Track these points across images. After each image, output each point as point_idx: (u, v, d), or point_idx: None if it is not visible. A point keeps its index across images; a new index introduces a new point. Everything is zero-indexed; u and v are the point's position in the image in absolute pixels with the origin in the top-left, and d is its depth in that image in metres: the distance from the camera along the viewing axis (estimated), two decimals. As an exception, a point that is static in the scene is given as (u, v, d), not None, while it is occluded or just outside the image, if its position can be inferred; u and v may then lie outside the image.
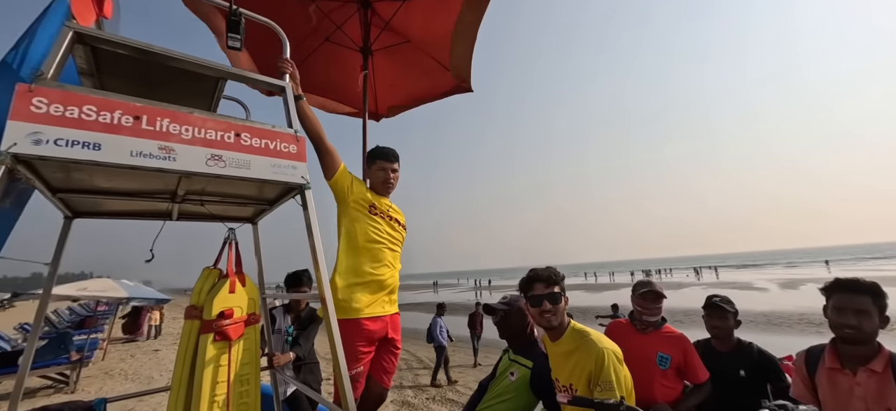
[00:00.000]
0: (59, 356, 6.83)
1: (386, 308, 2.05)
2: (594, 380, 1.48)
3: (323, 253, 1.55)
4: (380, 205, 2.15)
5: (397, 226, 2.23)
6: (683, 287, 33.37)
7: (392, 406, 6.32)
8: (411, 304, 32.69)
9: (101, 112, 1.17)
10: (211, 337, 1.37)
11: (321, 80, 3.37)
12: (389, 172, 2.24)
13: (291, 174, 1.50)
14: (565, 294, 1.72)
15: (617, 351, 1.56)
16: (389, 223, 2.16)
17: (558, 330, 1.67)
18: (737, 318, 2.35)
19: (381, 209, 2.13)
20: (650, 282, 2.38)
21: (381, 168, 2.23)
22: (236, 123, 1.41)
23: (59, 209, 1.72)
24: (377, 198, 2.18)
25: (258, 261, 2.31)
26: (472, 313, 10.41)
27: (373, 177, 2.25)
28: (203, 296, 1.48)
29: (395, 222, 2.21)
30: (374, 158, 2.25)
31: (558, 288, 1.69)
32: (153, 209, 1.87)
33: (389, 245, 2.11)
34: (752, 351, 2.26)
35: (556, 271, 1.73)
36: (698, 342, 2.50)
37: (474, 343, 10.12)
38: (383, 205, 2.18)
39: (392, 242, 2.14)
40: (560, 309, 1.67)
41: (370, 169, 2.26)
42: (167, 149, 1.25)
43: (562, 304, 1.68)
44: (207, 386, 1.31)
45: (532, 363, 1.83)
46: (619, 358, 1.54)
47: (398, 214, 2.29)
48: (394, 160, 2.28)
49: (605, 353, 1.50)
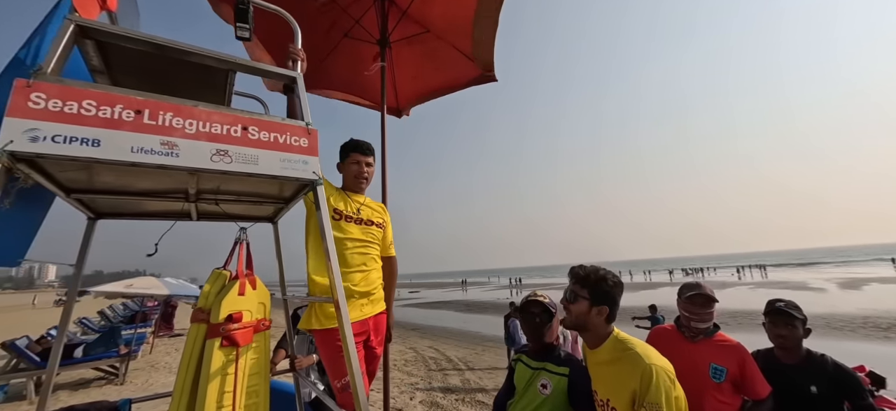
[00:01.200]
0: (110, 349, 7.26)
1: (364, 311, 1.97)
2: (639, 401, 1.29)
3: (335, 253, 1.44)
4: (348, 208, 2.06)
5: (370, 228, 2.13)
6: (728, 286, 31.44)
7: (421, 406, 6.24)
8: (440, 303, 32.74)
9: (102, 107, 1.11)
10: (218, 342, 1.29)
11: (342, 76, 3.32)
12: (363, 166, 2.15)
13: (302, 169, 1.40)
14: (598, 302, 1.50)
15: (668, 368, 1.35)
16: (360, 226, 2.07)
17: (593, 336, 1.48)
18: (806, 326, 2.05)
19: (348, 212, 2.05)
20: (699, 284, 2.13)
21: (354, 161, 2.14)
22: (243, 116, 1.33)
23: (80, 211, 1.72)
24: (346, 198, 2.09)
25: (279, 261, 2.25)
26: (507, 315, 10.19)
27: (346, 171, 2.16)
28: (211, 298, 1.41)
29: (367, 224, 2.11)
30: (347, 151, 2.15)
31: (581, 287, 1.52)
32: (173, 209, 1.84)
33: (360, 249, 2.02)
34: (825, 364, 1.97)
35: (589, 270, 1.54)
36: (758, 352, 2.22)
37: (509, 345, 9.88)
38: (352, 207, 2.09)
39: (363, 245, 2.05)
40: (577, 310, 1.51)
41: (344, 162, 2.17)
42: (170, 145, 1.18)
43: (579, 306, 1.50)
44: (213, 395, 1.23)
45: (569, 369, 1.65)
46: (671, 377, 1.32)
47: (373, 212, 2.19)
48: (368, 153, 2.18)
49: (654, 371, 1.29)
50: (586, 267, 1.56)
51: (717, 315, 2.13)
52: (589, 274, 1.53)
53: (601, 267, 1.54)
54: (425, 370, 9.04)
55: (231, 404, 1.25)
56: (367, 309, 1.99)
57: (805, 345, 2.06)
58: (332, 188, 2.10)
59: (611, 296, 1.49)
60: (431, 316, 23.83)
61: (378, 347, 2.09)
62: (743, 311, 16.71)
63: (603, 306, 1.48)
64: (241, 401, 1.37)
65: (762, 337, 2.22)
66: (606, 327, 1.50)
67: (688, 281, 2.23)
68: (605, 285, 1.49)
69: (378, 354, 2.10)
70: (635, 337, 1.47)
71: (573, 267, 1.58)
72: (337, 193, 2.09)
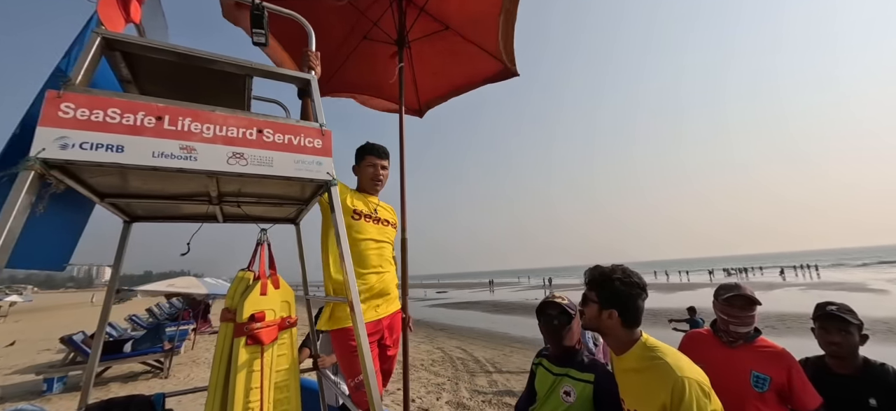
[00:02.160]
0: (155, 345, 7.74)
1: (379, 311, 1.99)
2: None
3: (349, 254, 1.44)
4: (366, 207, 2.09)
5: (386, 227, 2.16)
6: (774, 288, 29.48)
7: (447, 407, 6.23)
8: (467, 303, 32.67)
9: (125, 114, 1.16)
10: (243, 340, 1.34)
11: (362, 79, 3.35)
12: (379, 169, 2.19)
13: (316, 170, 1.41)
14: (603, 303, 1.40)
15: (703, 380, 1.23)
16: (376, 226, 2.10)
17: (615, 341, 1.40)
18: (862, 332, 1.86)
19: (366, 211, 2.07)
20: (738, 284, 1.97)
21: (370, 164, 2.19)
22: (259, 119, 1.35)
23: (116, 215, 1.81)
24: (363, 198, 2.12)
25: (301, 261, 2.30)
26: None
27: (362, 174, 2.20)
28: (237, 298, 1.46)
29: (383, 223, 2.14)
30: (363, 154, 2.20)
31: (589, 289, 1.45)
32: (199, 212, 1.92)
33: (376, 249, 2.05)
34: (886, 374, 1.78)
35: (598, 271, 1.46)
36: (807, 360, 2.03)
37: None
38: (369, 206, 2.13)
39: (379, 245, 2.07)
40: (587, 314, 1.45)
41: (359, 165, 2.20)
42: (188, 149, 1.21)
43: (590, 310, 1.44)
44: (241, 392, 1.28)
45: (594, 376, 1.56)
46: (704, 389, 1.21)
47: (388, 213, 2.22)
48: (384, 156, 2.23)
49: (686, 384, 1.18)
50: (599, 267, 1.47)
51: (759, 319, 1.98)
52: (597, 274, 1.44)
53: (619, 266, 1.44)
54: (452, 370, 9.02)
55: (259, 399, 1.29)
56: (382, 308, 2.01)
57: (862, 353, 1.87)
58: (350, 190, 2.14)
59: (622, 299, 1.37)
60: (459, 316, 23.81)
61: (393, 347, 2.10)
62: (791, 314, 15.61)
63: (612, 309, 1.38)
64: (270, 396, 1.41)
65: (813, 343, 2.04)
66: (628, 332, 1.39)
67: (726, 281, 2.08)
68: (612, 286, 1.38)
69: (392, 354, 2.10)
70: (666, 344, 1.36)
71: (588, 268, 1.50)
72: (354, 194, 2.13)
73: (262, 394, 1.30)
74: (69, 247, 1.75)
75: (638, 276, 1.40)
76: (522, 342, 13.92)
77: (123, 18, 1.35)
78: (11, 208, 0.97)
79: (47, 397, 6.70)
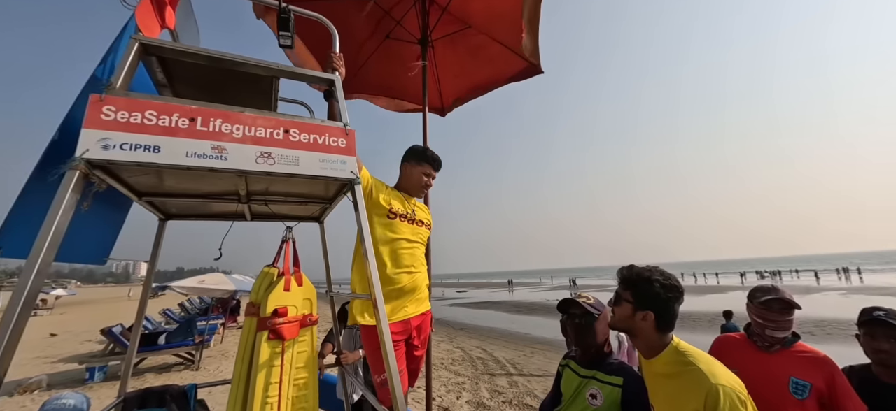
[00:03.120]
0: (187, 338, 8.08)
1: (407, 311, 1.99)
2: None
3: (373, 252, 1.45)
4: (403, 207, 2.08)
5: (420, 228, 2.15)
6: (812, 291, 27.97)
7: (467, 406, 6.22)
8: (488, 303, 32.53)
9: (161, 116, 1.21)
10: (266, 335, 1.37)
11: (385, 79, 3.38)
12: (430, 180, 2.21)
13: (340, 169, 1.43)
14: (638, 304, 1.35)
15: (739, 388, 1.16)
16: (411, 226, 2.09)
17: (645, 344, 1.35)
18: (914, 340, 1.74)
19: (403, 212, 2.07)
20: (775, 287, 1.87)
21: (425, 173, 2.18)
22: (286, 120, 1.39)
23: (152, 213, 1.90)
24: (401, 198, 2.11)
25: (325, 259, 2.35)
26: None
27: (410, 176, 2.19)
28: (261, 293, 1.50)
29: (418, 224, 2.14)
30: (420, 160, 2.19)
31: (624, 288, 1.40)
32: (230, 210, 1.99)
33: (409, 249, 2.04)
34: (942, 386, 1.65)
35: (635, 270, 1.41)
36: (852, 368, 1.92)
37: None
38: (408, 207, 2.12)
39: (412, 246, 2.07)
40: (618, 314, 1.41)
41: (413, 166, 2.19)
42: (219, 149, 1.25)
43: (623, 310, 1.39)
44: (261, 385, 1.30)
45: (622, 380, 1.52)
46: (740, 397, 1.14)
47: (424, 214, 2.22)
48: (438, 169, 2.25)
49: (721, 392, 1.11)
50: (634, 267, 1.42)
51: (797, 323, 1.87)
52: (634, 274, 1.39)
53: (656, 267, 1.39)
54: (473, 370, 9.00)
55: (277, 395, 1.31)
56: (411, 308, 2.01)
57: (912, 362, 1.75)
58: (386, 187, 2.11)
59: (659, 301, 1.32)
60: (479, 316, 23.74)
61: (421, 347, 2.10)
62: (830, 320, 14.78)
63: (648, 311, 1.33)
64: (289, 392, 1.44)
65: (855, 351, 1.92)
66: (660, 336, 1.34)
67: (762, 284, 1.98)
68: (650, 288, 1.33)
69: (420, 354, 2.11)
70: (699, 349, 1.31)
71: (621, 267, 1.45)
72: (394, 193, 2.11)
73: (281, 390, 1.32)
74: (109, 242, 1.85)
75: (676, 279, 1.36)
76: (543, 343, 13.74)
77: (159, 24, 1.41)
78: (59, 205, 1.03)
79: (90, 385, 7.10)
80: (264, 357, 1.34)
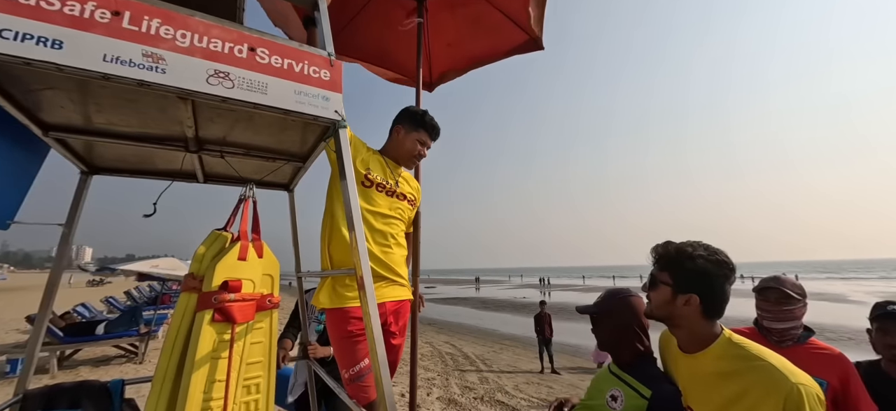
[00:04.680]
0: (130, 328, 7.30)
1: (382, 293, 1.68)
2: None
3: (360, 218, 1.15)
4: (383, 176, 1.77)
5: (401, 202, 1.83)
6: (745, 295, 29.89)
7: (438, 403, 5.98)
8: (456, 299, 32.51)
9: (68, 2, 0.85)
10: (209, 315, 1.03)
11: (372, 43, 3.03)
12: (424, 149, 1.88)
13: (322, 106, 1.12)
14: (679, 287, 1.13)
15: (817, 389, 0.95)
16: (390, 199, 1.77)
17: (688, 335, 1.13)
18: (932, 336, 1.65)
19: (383, 180, 1.75)
20: (777, 277, 1.77)
21: (420, 139, 1.85)
22: (252, 35, 1.06)
23: (70, 161, 1.49)
24: (384, 166, 1.80)
25: (294, 233, 2.01)
26: (538, 314, 9.74)
27: (402, 142, 1.85)
28: (205, 263, 1.15)
29: (399, 197, 1.82)
30: (417, 124, 1.84)
31: (661, 268, 1.17)
32: (175, 166, 1.61)
33: (382, 223, 1.73)
34: (961, 385, 1.57)
35: (673, 247, 1.18)
36: (859, 364, 1.82)
37: (541, 347, 9.42)
38: (391, 177, 1.80)
39: (385, 221, 1.75)
40: (659, 299, 1.16)
41: (407, 131, 1.84)
42: (155, 58, 0.91)
43: (660, 294, 1.15)
44: (199, 383, 0.96)
45: (651, 393, 1.27)
46: (820, 397, 0.93)
47: (409, 188, 1.89)
48: (436, 137, 1.93)
49: (804, 394, 0.90)
50: (671, 242, 1.19)
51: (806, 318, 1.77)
52: (672, 250, 1.16)
53: (700, 242, 1.16)
54: (442, 366, 8.78)
55: (223, 397, 0.97)
56: (386, 292, 1.68)
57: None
58: (368, 149, 1.80)
59: (706, 281, 1.10)
60: (447, 311, 23.60)
61: (399, 335, 1.77)
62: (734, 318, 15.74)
63: (692, 294, 1.10)
64: (237, 395, 1.10)
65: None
66: (708, 324, 1.12)
67: (768, 276, 1.87)
68: (695, 264, 1.10)
69: (398, 343, 1.78)
70: (757, 343, 1.10)
71: (656, 244, 1.22)
72: (375, 157, 1.79)
73: (228, 389, 0.98)
74: (14, 201, 1.43)
75: (725, 254, 1.13)
76: (512, 339, 13.77)
77: None
78: None
79: (11, 379, 6.25)
80: (206, 345, 1.00)
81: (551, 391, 7.27)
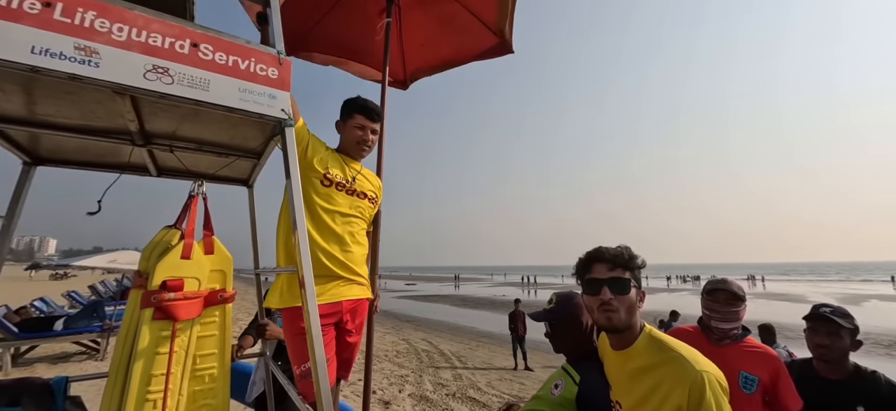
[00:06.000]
0: (92, 324, 7.01)
1: (340, 293, 1.68)
2: None
3: (303, 218, 1.17)
4: (342, 173, 1.77)
5: (361, 201, 1.84)
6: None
7: (409, 400, 6.01)
8: (435, 296, 32.58)
9: (-7, -10, 0.84)
10: (149, 313, 1.03)
11: (342, 39, 3.01)
12: (368, 132, 1.85)
13: (267, 105, 1.13)
14: (640, 286, 1.20)
15: (720, 377, 1.04)
16: (350, 198, 1.78)
17: (626, 335, 1.18)
18: (856, 337, 1.79)
19: (342, 179, 1.76)
20: (725, 280, 1.90)
21: (359, 125, 1.83)
22: (195, 31, 1.05)
23: (14, 154, 1.45)
24: (342, 163, 1.80)
25: (253, 229, 2.00)
26: (512, 312, 9.86)
27: (347, 133, 1.85)
28: (151, 261, 1.14)
29: (359, 196, 1.83)
30: (351, 110, 1.84)
31: (628, 273, 1.18)
32: (123, 159, 1.57)
33: (343, 223, 1.74)
34: (877, 382, 1.70)
35: (628, 251, 1.22)
36: (793, 361, 1.96)
37: (515, 344, 9.55)
38: (348, 173, 1.80)
39: (346, 220, 1.76)
40: (629, 302, 1.16)
41: (345, 122, 1.85)
42: (88, 51, 0.90)
43: (632, 296, 1.16)
44: (139, 377, 0.98)
45: (580, 378, 1.33)
46: (722, 384, 1.02)
47: (367, 184, 1.90)
48: (376, 119, 1.89)
49: (706, 380, 0.98)
50: (622, 246, 1.22)
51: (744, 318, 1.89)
52: (626, 253, 1.21)
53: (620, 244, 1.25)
54: (417, 362, 8.82)
55: (162, 389, 0.98)
56: (344, 290, 1.69)
57: (852, 359, 1.80)
58: (327, 149, 1.80)
59: (639, 278, 1.21)
60: (426, 308, 23.65)
61: (355, 333, 1.79)
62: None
63: (642, 291, 1.20)
64: (184, 387, 1.11)
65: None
66: (638, 320, 1.19)
67: (714, 278, 1.98)
68: (639, 263, 1.20)
69: (354, 340, 1.79)
70: (690, 341, 1.18)
71: (601, 249, 1.24)
72: (333, 156, 1.80)
73: (168, 383, 1.00)
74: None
75: None
76: (489, 337, 13.92)
77: None
78: None
79: (-42, 377, 5.93)
80: (145, 342, 1.00)
81: (523, 387, 7.41)
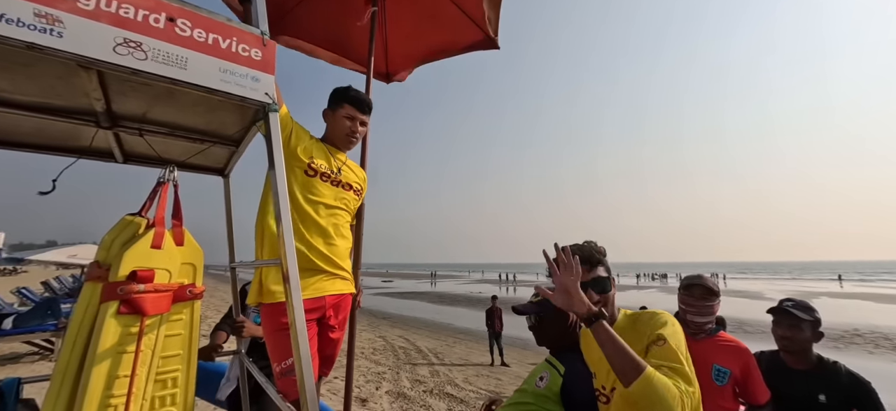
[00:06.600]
0: (45, 322, 6.56)
1: (322, 287, 1.64)
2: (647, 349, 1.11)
3: (288, 209, 1.11)
4: (327, 163, 1.73)
5: (346, 193, 1.80)
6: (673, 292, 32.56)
7: (387, 397, 5.96)
8: (412, 293, 32.47)
9: (-62, -55, 0.74)
10: (114, 307, 0.94)
11: (323, 26, 2.91)
12: (357, 124, 1.81)
13: (250, 87, 1.06)
14: (612, 275, 1.30)
15: (673, 319, 1.19)
16: (334, 189, 1.74)
17: (610, 321, 1.24)
18: (818, 329, 1.89)
19: (326, 169, 1.71)
20: (700, 276, 1.99)
21: (348, 115, 1.78)
22: (170, 4, 0.98)
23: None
24: (327, 153, 1.76)
25: (228, 221, 1.90)
26: (489, 308, 9.92)
27: (334, 125, 1.80)
28: (113, 250, 1.06)
29: (344, 187, 1.78)
30: (342, 100, 1.78)
31: (604, 269, 1.27)
32: (85, 146, 1.45)
33: (327, 215, 1.69)
34: (838, 372, 1.81)
35: (593, 244, 1.31)
36: (761, 353, 2.06)
37: (491, 340, 9.62)
38: (333, 164, 1.76)
39: (331, 212, 1.71)
40: (610, 299, 1.24)
41: (333, 112, 1.80)
42: (50, 19, 0.82)
43: (611, 293, 1.25)
44: (100, 378, 0.88)
45: (565, 369, 1.35)
46: (672, 319, 1.18)
47: (352, 176, 1.85)
48: (367, 111, 1.85)
49: (655, 312, 1.18)
50: (588, 243, 1.31)
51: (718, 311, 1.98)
52: (595, 250, 1.29)
53: None
54: (394, 359, 8.76)
55: (126, 393, 0.90)
56: (327, 285, 1.64)
57: (816, 351, 1.91)
58: (311, 137, 1.74)
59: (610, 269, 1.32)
60: (403, 305, 23.54)
61: (338, 329, 1.73)
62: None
63: (612, 279, 1.30)
64: (148, 391, 1.03)
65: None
66: (616, 307, 1.28)
67: (691, 274, 2.06)
68: (606, 259, 1.30)
69: (336, 337, 1.74)
70: None
71: (578, 248, 1.27)
72: (317, 145, 1.74)
73: (132, 386, 0.91)
74: None
75: None
76: (466, 333, 13.99)
77: None
78: None
79: None
80: (110, 340, 0.91)
81: (500, 383, 7.49)
